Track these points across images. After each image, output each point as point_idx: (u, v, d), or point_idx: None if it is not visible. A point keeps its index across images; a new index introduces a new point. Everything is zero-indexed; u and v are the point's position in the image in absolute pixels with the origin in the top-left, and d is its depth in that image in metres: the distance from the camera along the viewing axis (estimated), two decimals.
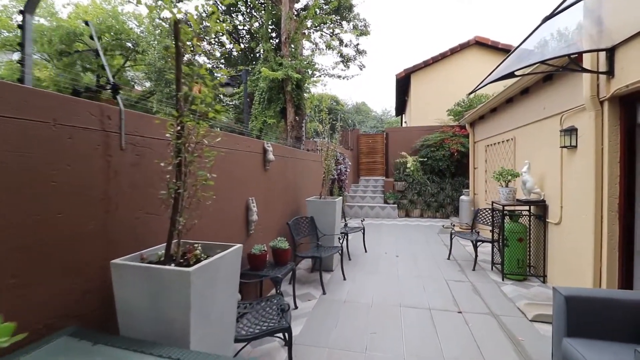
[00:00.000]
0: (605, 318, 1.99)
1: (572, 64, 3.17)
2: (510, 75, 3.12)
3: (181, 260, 1.80)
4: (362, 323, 3.21)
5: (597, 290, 2.52)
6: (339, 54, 13.71)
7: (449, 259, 5.38)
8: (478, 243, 4.84)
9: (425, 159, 9.87)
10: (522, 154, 5.01)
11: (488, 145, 6.72)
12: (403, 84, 13.32)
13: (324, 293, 3.95)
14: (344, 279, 4.45)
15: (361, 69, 14.26)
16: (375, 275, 4.64)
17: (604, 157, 3.08)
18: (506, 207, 4.41)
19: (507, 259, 4.36)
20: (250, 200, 3.48)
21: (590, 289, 2.83)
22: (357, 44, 13.69)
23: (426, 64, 11.75)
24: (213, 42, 16.09)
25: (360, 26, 13.12)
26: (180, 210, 1.80)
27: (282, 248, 3.43)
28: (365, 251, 5.89)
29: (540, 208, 4.30)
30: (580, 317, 2.02)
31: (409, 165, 9.82)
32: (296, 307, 3.54)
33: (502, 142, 5.82)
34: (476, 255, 4.83)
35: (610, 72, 2.95)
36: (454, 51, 11.42)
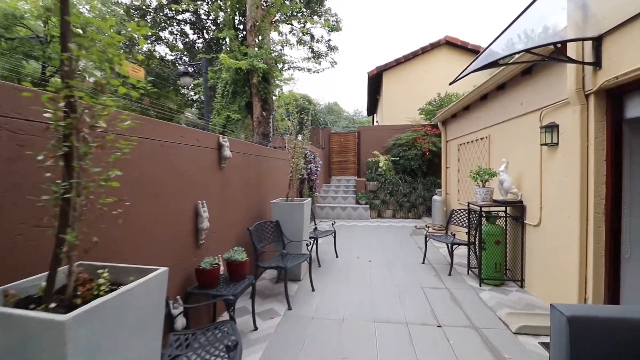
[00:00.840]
0: (617, 343, 1.68)
1: (557, 53, 2.93)
2: (494, 64, 2.84)
3: (77, 294, 1.26)
4: (332, 345, 2.77)
5: (605, 308, 2.22)
6: (310, 49, 13.28)
7: (423, 263, 5.10)
8: (454, 246, 4.58)
9: (398, 159, 9.69)
10: (497, 153, 4.83)
11: (461, 144, 6.57)
12: (375, 83, 13.14)
13: (289, 308, 3.47)
14: (313, 289, 4.00)
15: (333, 66, 13.95)
16: (346, 284, 4.23)
17: (589, 154, 2.87)
18: (483, 208, 4.17)
19: (484, 263, 4.13)
20: (200, 204, 2.93)
21: (597, 306, 2.55)
22: (329, 40, 13.34)
23: (398, 62, 11.62)
24: (175, 32, 15.03)
25: (332, 21, 12.76)
26: (71, 223, 1.25)
27: (238, 260, 2.91)
28: (337, 256, 5.48)
29: (518, 209, 4.10)
30: (587, 342, 1.71)
31: (381, 164, 9.58)
32: (256, 328, 3.03)
33: (476, 140, 5.66)
34: (452, 259, 4.57)
35: (597, 63, 2.73)
36: (425, 50, 11.37)
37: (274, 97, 7.92)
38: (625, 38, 2.46)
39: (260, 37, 7.28)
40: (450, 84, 3.82)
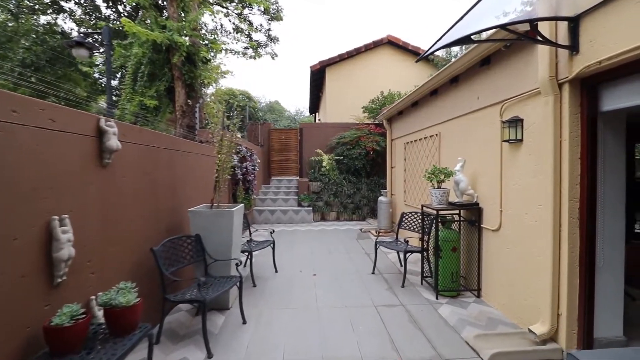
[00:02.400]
0: None
1: (532, 33, 2.54)
2: (467, 39, 2.33)
3: None
4: None
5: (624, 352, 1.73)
6: (248, 37, 12.18)
7: (373, 273, 4.56)
8: (408, 254, 4.11)
9: (341, 158, 9.21)
10: (449, 151, 4.51)
11: (407, 143, 6.27)
12: (318, 78, 12.59)
13: (209, 356, 2.55)
14: (244, 321, 3.12)
15: (273, 58, 13.02)
16: (287, 308, 3.45)
17: (562, 152, 2.53)
18: (440, 212, 3.75)
19: (440, 272, 3.71)
20: (57, 222, 1.86)
21: (616, 351, 2.08)
22: (269, 29, 12.38)
23: (342, 58, 11.20)
24: (84, 2, 12.60)
25: (272, 10, 11.84)
26: None
27: (121, 305, 1.91)
28: (276, 271, 4.65)
29: (474, 212, 3.77)
30: None
31: (324, 164, 9.00)
32: None
33: (425, 138, 5.34)
34: (405, 269, 4.10)
35: (574, 47, 2.38)
36: (368, 48, 11.15)
37: (204, 84, 6.75)
38: (610, 17, 2.11)
39: (183, 9, 6.07)
40: (417, 61, 3.29)
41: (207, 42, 6.58)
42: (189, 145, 4.22)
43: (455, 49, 9.56)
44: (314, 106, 17.22)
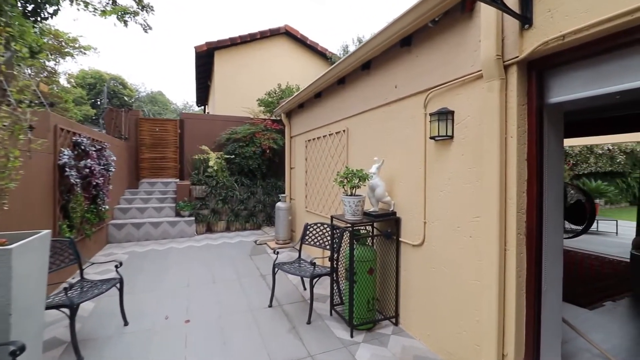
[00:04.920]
0: None
1: None
2: None
3: None
4: None
5: None
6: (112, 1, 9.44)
7: (271, 305, 3.51)
8: (315, 280, 3.22)
9: (233, 157, 7.85)
10: (359, 150, 3.85)
11: (310, 140, 5.47)
12: (205, 63, 10.76)
13: None
14: None
15: (146, 31, 10.52)
16: None
17: (508, 151, 2.02)
18: (356, 225, 2.99)
19: (356, 300, 2.94)
20: None
21: None
22: None
23: (233, 42, 9.76)
24: None
25: None
26: None
27: None
28: (125, 323, 3.09)
29: (391, 223, 3.15)
30: None
31: (211, 163, 7.47)
32: None
33: (330, 135, 4.61)
34: (312, 299, 3.19)
35: (525, 19, 1.87)
36: (264, 35, 10.05)
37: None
38: None
39: None
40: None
41: None
42: None
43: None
44: (202, 97, 15.06)
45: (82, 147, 4.81)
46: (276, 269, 3.52)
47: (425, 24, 2.58)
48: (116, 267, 3.17)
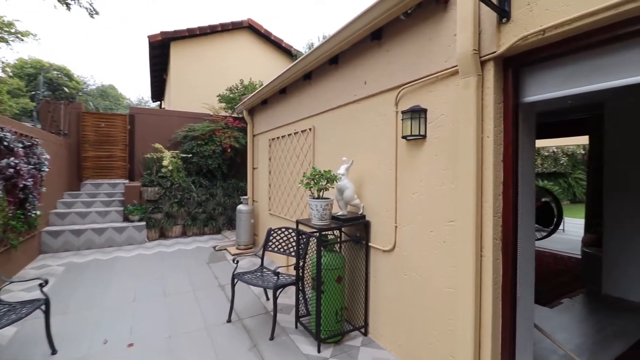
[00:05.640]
0: None
1: None
2: None
3: None
4: None
5: None
6: None
7: (230, 320, 3.18)
8: (279, 291, 2.95)
9: (190, 155, 7.28)
10: (327, 149, 3.65)
11: (274, 139, 5.17)
12: (160, 55, 9.96)
13: None
14: None
15: (92, 16, 9.52)
16: None
17: (485, 152, 1.92)
18: (323, 230, 2.76)
19: (323, 311, 2.72)
20: None
21: None
22: None
23: (192, 34, 9.12)
24: None
25: None
26: None
27: None
28: (53, 351, 2.59)
29: (360, 227, 2.98)
30: None
31: (165, 162, 6.86)
32: None
33: (295, 133, 4.36)
34: (275, 312, 2.92)
35: (503, 12, 1.77)
36: (225, 28, 9.51)
37: None
38: None
39: None
40: None
41: None
42: None
43: None
44: (158, 92, 14.02)
45: (5, 144, 4.09)
46: (236, 280, 3.19)
47: (397, 16, 2.43)
48: (40, 285, 2.65)
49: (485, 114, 1.90)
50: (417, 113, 2.31)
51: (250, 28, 9.89)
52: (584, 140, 6.64)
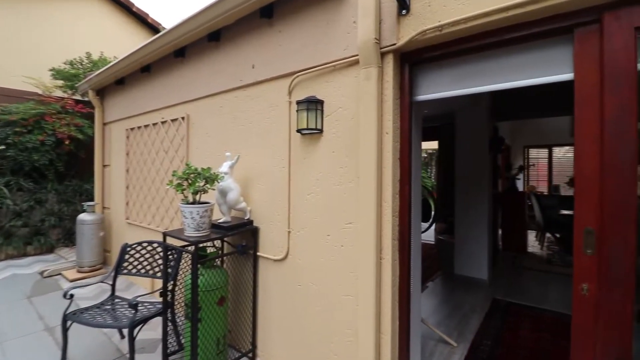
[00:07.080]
0: None
1: None
2: None
3: None
4: None
5: None
6: None
7: None
8: (138, 328, 2.22)
9: (4, 147, 5.18)
10: (206, 143, 3.05)
11: (133, 129, 4.12)
12: None
13: None
14: None
15: None
16: None
17: (384, 149, 1.82)
18: (201, 242, 2.21)
19: (201, 343, 2.18)
20: None
21: None
22: None
23: None
24: None
25: None
26: None
27: None
28: None
29: (247, 235, 2.55)
30: None
31: None
32: None
33: (164, 122, 3.54)
34: (133, 356, 2.17)
35: (403, 3, 1.69)
36: None
37: None
38: None
39: None
40: None
41: None
42: None
43: None
44: None
45: None
46: (69, 322, 2.25)
47: None
48: None
49: (384, 110, 1.80)
50: (314, 104, 2.06)
51: None
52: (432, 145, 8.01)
